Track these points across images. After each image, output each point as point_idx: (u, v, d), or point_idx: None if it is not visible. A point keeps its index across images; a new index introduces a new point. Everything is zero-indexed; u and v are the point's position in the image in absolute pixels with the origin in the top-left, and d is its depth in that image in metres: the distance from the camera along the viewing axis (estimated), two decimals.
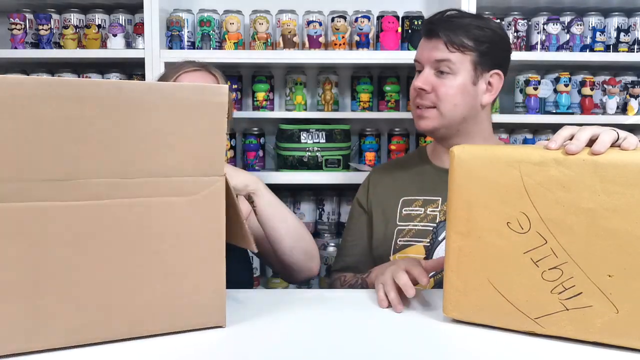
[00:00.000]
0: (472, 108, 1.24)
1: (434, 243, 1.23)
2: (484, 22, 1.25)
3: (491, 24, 1.27)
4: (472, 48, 1.21)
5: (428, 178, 1.30)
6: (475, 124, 1.26)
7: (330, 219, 2.08)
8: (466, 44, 1.21)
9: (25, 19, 1.92)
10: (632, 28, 1.96)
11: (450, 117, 1.23)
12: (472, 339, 0.82)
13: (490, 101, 1.26)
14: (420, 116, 1.26)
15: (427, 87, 1.23)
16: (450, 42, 1.21)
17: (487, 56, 1.23)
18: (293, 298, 1.02)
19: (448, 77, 1.22)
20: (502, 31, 1.29)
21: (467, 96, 1.23)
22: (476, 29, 1.22)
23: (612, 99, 1.94)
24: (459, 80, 1.22)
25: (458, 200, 0.84)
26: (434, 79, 1.23)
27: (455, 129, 1.25)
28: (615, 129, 0.80)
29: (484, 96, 1.25)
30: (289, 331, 0.85)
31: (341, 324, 0.89)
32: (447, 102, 1.22)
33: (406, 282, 0.94)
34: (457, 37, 1.21)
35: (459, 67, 1.21)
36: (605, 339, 0.77)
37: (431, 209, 1.25)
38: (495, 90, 1.26)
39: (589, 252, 0.76)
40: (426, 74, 1.23)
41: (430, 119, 1.24)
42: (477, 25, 1.22)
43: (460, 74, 1.22)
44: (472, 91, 1.23)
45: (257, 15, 1.92)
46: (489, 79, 1.25)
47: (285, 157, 1.91)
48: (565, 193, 0.77)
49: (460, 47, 1.21)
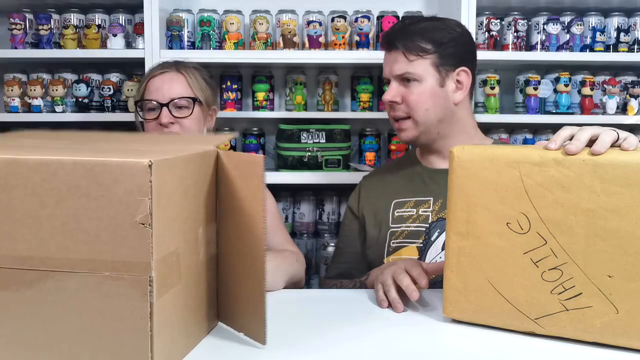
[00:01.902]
0: (445, 109, 1.26)
1: (427, 243, 1.23)
2: (440, 23, 1.27)
3: (448, 23, 1.29)
4: (431, 51, 1.23)
5: (418, 179, 1.32)
6: (453, 123, 1.27)
7: (330, 219, 2.08)
8: (424, 48, 1.23)
9: (25, 19, 1.92)
10: (632, 28, 1.96)
11: (426, 123, 1.25)
12: (472, 339, 0.82)
13: (462, 99, 1.27)
14: (399, 129, 1.29)
15: (396, 99, 1.25)
16: (408, 50, 1.23)
17: (448, 56, 1.24)
18: (293, 298, 1.02)
19: (414, 85, 1.24)
20: (461, 28, 1.30)
21: (438, 99, 1.24)
22: (432, 31, 1.24)
23: (612, 99, 1.94)
24: (425, 86, 1.24)
25: (458, 200, 0.84)
26: (402, 90, 1.25)
27: (435, 132, 1.27)
28: (615, 129, 0.80)
29: (455, 95, 1.26)
30: (289, 331, 0.85)
31: (341, 324, 0.89)
32: (418, 109, 1.24)
33: (409, 285, 0.94)
34: (414, 44, 1.23)
35: (422, 73, 1.23)
36: (605, 339, 0.77)
37: (423, 210, 1.26)
38: (465, 87, 1.27)
39: (588, 252, 0.76)
40: (393, 87, 1.26)
41: (408, 130, 1.27)
42: (433, 27, 1.25)
43: (426, 79, 1.24)
44: (442, 93, 1.25)
45: (257, 15, 1.91)
46: (457, 77, 1.26)
47: (285, 157, 1.91)
48: (565, 193, 0.77)
49: (419, 53, 1.23)
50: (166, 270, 0.69)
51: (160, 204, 0.66)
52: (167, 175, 0.68)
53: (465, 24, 1.82)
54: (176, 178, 0.71)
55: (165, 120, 1.32)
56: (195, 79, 1.38)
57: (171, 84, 1.36)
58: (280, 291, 1.07)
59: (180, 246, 0.72)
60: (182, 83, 1.37)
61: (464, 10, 1.82)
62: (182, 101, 1.34)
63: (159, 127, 1.33)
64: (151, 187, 0.64)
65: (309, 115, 1.99)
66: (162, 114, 1.32)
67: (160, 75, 1.37)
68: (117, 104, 1.95)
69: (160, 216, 0.66)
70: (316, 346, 0.80)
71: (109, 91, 1.92)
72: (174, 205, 0.71)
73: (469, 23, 1.82)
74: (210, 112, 1.43)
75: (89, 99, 1.94)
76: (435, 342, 0.83)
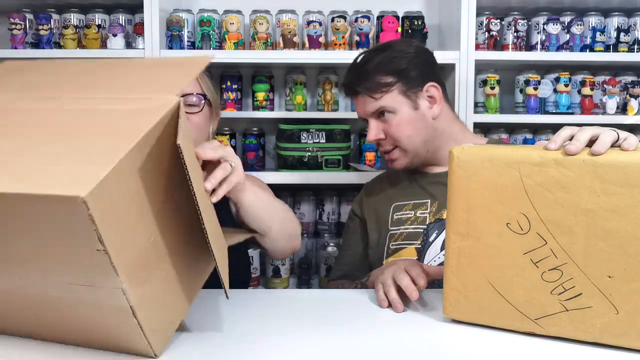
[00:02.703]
0: (426, 129, 1.27)
1: (426, 244, 1.23)
2: (393, 51, 1.28)
3: (399, 47, 1.29)
4: (393, 82, 1.24)
5: (416, 184, 1.33)
6: (438, 136, 1.29)
7: (330, 219, 2.08)
8: (386, 82, 1.24)
9: (25, 19, 1.92)
10: (632, 28, 1.96)
11: (413, 148, 1.27)
12: (472, 339, 0.82)
13: (439, 112, 1.29)
14: (390, 159, 1.31)
15: (380, 136, 1.28)
16: (372, 90, 1.24)
17: (412, 79, 1.26)
18: (293, 298, 1.02)
19: (391, 117, 1.26)
20: (413, 47, 1.30)
21: (416, 122, 1.26)
22: (387, 63, 1.25)
23: (612, 99, 1.94)
24: (401, 115, 1.25)
25: (457, 201, 0.84)
26: (381, 125, 1.27)
27: (425, 152, 1.29)
28: (615, 130, 0.80)
29: (431, 111, 1.28)
30: (289, 331, 0.85)
31: (341, 324, 0.89)
32: (402, 138, 1.26)
33: (409, 285, 0.94)
34: (374, 83, 1.24)
35: (393, 105, 1.25)
36: (605, 340, 0.77)
37: (421, 212, 1.27)
38: (438, 100, 1.28)
39: (588, 252, 0.76)
40: (373, 125, 1.28)
41: (399, 159, 1.29)
42: (387, 58, 1.25)
43: (399, 109, 1.25)
44: (418, 115, 1.26)
45: (257, 15, 1.92)
46: (427, 94, 1.27)
47: (285, 157, 1.91)
48: (565, 194, 0.77)
49: (383, 89, 1.24)
50: (139, 268, 0.70)
51: (111, 224, 0.63)
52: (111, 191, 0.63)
53: (465, 24, 1.82)
54: (124, 182, 0.67)
55: None
56: (204, 80, 1.40)
57: None
58: (281, 291, 1.07)
59: (152, 231, 0.72)
60: (193, 81, 1.38)
61: (464, 10, 1.82)
62: (192, 98, 1.35)
63: None
64: (93, 220, 0.60)
65: (309, 115, 1.99)
66: None
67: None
68: None
69: (113, 235, 0.64)
70: (316, 345, 0.80)
71: None
72: (131, 207, 0.69)
73: (469, 23, 1.82)
74: (216, 113, 1.45)
75: None
76: (435, 342, 0.83)
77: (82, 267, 0.66)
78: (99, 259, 0.64)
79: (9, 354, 0.75)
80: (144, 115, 0.72)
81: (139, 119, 0.71)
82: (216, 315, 0.91)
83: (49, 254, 0.67)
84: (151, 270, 0.73)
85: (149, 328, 0.72)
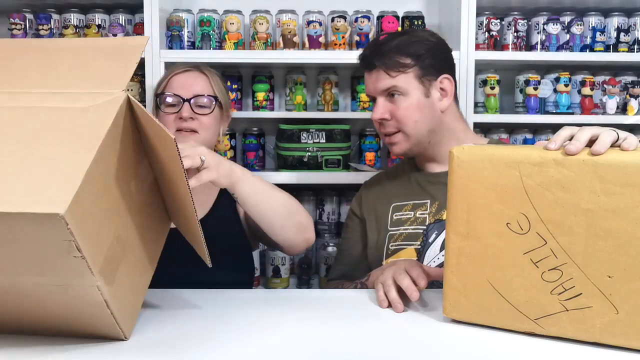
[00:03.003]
0: (433, 119, 1.27)
1: (425, 245, 1.23)
2: (415, 36, 1.28)
3: (421, 34, 1.29)
4: (411, 65, 1.24)
5: (415, 183, 1.33)
6: (442, 130, 1.29)
7: (330, 219, 2.08)
8: (404, 63, 1.24)
9: (25, 19, 1.92)
10: (632, 28, 1.96)
11: (417, 135, 1.26)
12: (472, 339, 0.82)
13: (448, 105, 1.28)
14: (390, 143, 1.30)
15: (385, 115, 1.26)
16: (389, 67, 1.24)
17: (428, 66, 1.25)
18: (293, 298, 1.02)
19: (400, 99, 1.25)
20: (435, 37, 1.31)
21: (425, 110, 1.25)
22: (408, 46, 1.25)
23: (612, 99, 1.94)
24: (411, 99, 1.25)
25: (457, 201, 0.84)
26: (389, 106, 1.26)
27: (426, 142, 1.28)
28: (615, 130, 0.80)
29: (441, 103, 1.27)
30: (289, 331, 0.85)
31: (341, 324, 0.89)
32: (408, 123, 1.25)
33: (409, 285, 0.94)
34: (393, 60, 1.24)
35: (406, 87, 1.24)
36: (605, 340, 0.77)
37: (420, 212, 1.27)
38: (450, 94, 1.28)
39: (588, 252, 0.76)
40: (380, 104, 1.27)
41: (400, 143, 1.28)
42: (408, 42, 1.25)
43: (411, 92, 1.25)
44: (428, 103, 1.26)
45: (257, 15, 1.91)
46: (440, 85, 1.27)
47: (285, 157, 1.91)
48: (565, 194, 0.77)
49: (400, 69, 1.23)
50: (109, 263, 0.73)
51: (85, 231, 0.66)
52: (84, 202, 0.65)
53: (465, 24, 1.82)
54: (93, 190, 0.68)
55: (186, 114, 1.33)
56: (216, 82, 1.42)
57: (195, 81, 1.39)
58: (281, 291, 1.07)
59: (116, 227, 0.75)
60: (205, 82, 1.40)
61: (464, 10, 1.82)
62: (203, 99, 1.37)
63: (178, 122, 1.34)
64: (72, 233, 0.63)
65: (309, 115, 1.99)
66: (183, 108, 1.34)
67: (184, 73, 1.40)
68: None
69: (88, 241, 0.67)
70: (316, 345, 0.80)
71: None
72: (99, 210, 0.71)
73: (469, 23, 1.82)
74: (227, 115, 1.46)
75: None
76: (435, 342, 0.83)
77: (58, 270, 0.69)
78: (76, 263, 0.66)
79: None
80: (96, 114, 0.72)
81: (93, 119, 0.72)
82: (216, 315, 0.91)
83: (24, 262, 0.69)
84: (118, 263, 0.76)
85: (120, 315, 0.77)
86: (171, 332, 0.84)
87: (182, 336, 0.82)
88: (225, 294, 1.02)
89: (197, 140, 1.31)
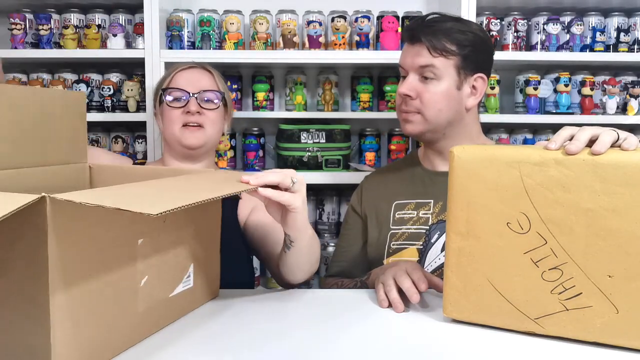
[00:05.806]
0: (457, 112, 1.24)
1: (427, 245, 1.23)
2: (466, 26, 1.25)
3: (473, 27, 1.27)
4: (455, 52, 1.21)
5: (419, 181, 1.31)
6: (461, 127, 1.26)
7: (330, 219, 2.08)
8: (449, 49, 1.21)
9: (25, 19, 1.92)
10: (632, 28, 1.96)
11: (435, 122, 1.24)
12: (472, 339, 0.82)
13: (475, 104, 1.26)
14: (405, 120, 1.26)
15: (412, 93, 1.23)
16: (433, 47, 1.20)
17: (470, 60, 1.23)
18: (293, 298, 1.02)
19: (432, 83, 1.22)
20: (484, 34, 1.28)
21: (452, 101, 1.23)
22: (458, 33, 1.22)
23: (612, 99, 1.94)
24: (443, 86, 1.22)
25: (458, 200, 0.84)
26: (418, 85, 1.23)
27: (442, 133, 1.26)
28: (615, 130, 0.80)
29: (469, 100, 1.25)
30: (289, 331, 0.85)
31: (341, 324, 0.89)
32: (431, 108, 1.22)
33: (410, 287, 0.94)
34: (440, 42, 1.20)
35: (442, 72, 1.21)
36: (605, 339, 0.77)
37: (423, 212, 1.26)
38: (479, 94, 1.26)
39: (588, 252, 0.76)
40: (410, 80, 1.23)
41: (415, 124, 1.25)
42: (459, 29, 1.22)
43: (445, 79, 1.22)
44: (457, 96, 1.23)
45: (257, 15, 1.92)
46: (473, 82, 1.25)
47: (285, 157, 1.91)
48: (565, 193, 0.77)
49: (443, 52, 1.21)
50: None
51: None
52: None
53: None
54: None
55: (193, 108, 1.33)
56: (220, 80, 1.43)
57: (200, 77, 1.40)
58: (281, 291, 1.07)
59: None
60: (210, 79, 1.42)
61: (464, 10, 1.82)
62: (210, 94, 1.37)
63: (184, 116, 1.34)
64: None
65: (309, 115, 1.99)
66: (190, 102, 1.34)
67: (188, 70, 1.41)
68: (117, 104, 1.95)
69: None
70: (316, 345, 0.80)
71: (109, 91, 1.93)
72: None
73: None
74: (228, 114, 1.46)
75: (89, 99, 1.95)
76: (435, 342, 0.83)
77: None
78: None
79: None
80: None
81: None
82: (215, 315, 0.91)
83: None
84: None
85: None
86: (171, 332, 0.84)
87: (182, 336, 0.82)
88: (225, 293, 1.02)
89: (203, 135, 1.33)
